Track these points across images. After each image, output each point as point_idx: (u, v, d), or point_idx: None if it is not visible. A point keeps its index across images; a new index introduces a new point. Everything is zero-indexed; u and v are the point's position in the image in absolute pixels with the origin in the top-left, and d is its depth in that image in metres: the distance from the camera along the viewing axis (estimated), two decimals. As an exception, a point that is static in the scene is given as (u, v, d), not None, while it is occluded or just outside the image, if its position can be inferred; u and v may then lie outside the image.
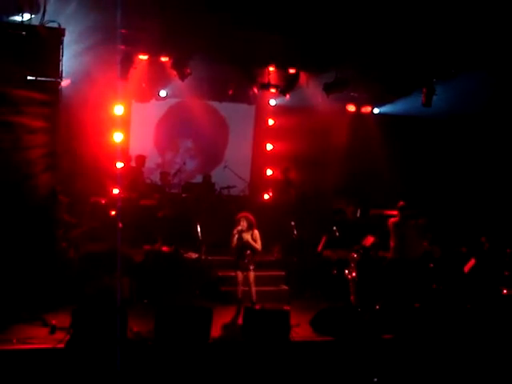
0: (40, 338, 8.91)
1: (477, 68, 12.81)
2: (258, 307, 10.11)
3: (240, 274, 10.62)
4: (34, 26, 9.72)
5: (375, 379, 9.08)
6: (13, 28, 9.59)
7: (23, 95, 9.46)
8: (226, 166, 15.98)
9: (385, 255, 12.09)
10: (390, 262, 11.79)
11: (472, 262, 11.99)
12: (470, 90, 13.42)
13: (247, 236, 10.60)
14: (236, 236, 10.62)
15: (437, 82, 13.77)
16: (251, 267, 10.60)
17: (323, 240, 13.41)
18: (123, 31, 10.94)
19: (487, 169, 14.60)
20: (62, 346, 8.65)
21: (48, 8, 9.65)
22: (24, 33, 9.53)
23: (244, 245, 10.58)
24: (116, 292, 10.46)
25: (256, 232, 10.70)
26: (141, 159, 14.84)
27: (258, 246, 10.67)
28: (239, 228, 10.60)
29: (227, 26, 11.65)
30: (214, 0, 10.71)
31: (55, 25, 9.77)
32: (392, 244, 11.69)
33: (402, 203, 11.83)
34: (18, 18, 9.67)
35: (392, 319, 10.38)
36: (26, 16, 9.68)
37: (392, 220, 11.92)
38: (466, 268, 12.01)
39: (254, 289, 10.63)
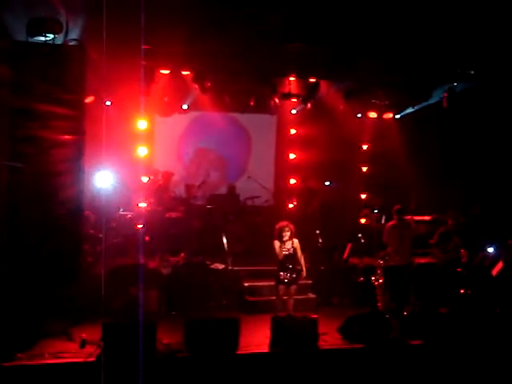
0: (71, 352, 8.99)
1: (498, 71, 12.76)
2: (286, 316, 10.11)
3: (282, 287, 10.46)
4: (58, 45, 9.92)
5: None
6: (37, 47, 9.79)
7: (49, 111, 9.57)
8: (249, 177, 16.03)
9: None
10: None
11: (500, 265, 11.90)
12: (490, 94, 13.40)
13: (289, 246, 10.40)
14: (280, 248, 10.39)
15: (457, 85, 13.74)
16: (295, 280, 10.43)
17: (348, 247, 13.43)
18: (145, 47, 11.05)
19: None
20: (92, 359, 8.74)
21: (70, 27, 9.84)
22: (48, 51, 9.74)
23: (287, 256, 10.39)
24: (143, 305, 10.52)
25: (296, 241, 10.48)
26: (168, 176, 14.86)
27: (300, 254, 10.49)
28: (284, 238, 10.38)
29: (246, 38, 11.70)
30: (234, 13, 10.77)
31: (78, 43, 9.97)
32: (389, 249, 11.81)
33: (398, 207, 11.96)
34: (42, 38, 9.87)
35: (420, 325, 10.33)
36: (50, 36, 9.88)
37: (389, 224, 12.08)
38: (494, 271, 11.93)
39: (292, 300, 10.53)
